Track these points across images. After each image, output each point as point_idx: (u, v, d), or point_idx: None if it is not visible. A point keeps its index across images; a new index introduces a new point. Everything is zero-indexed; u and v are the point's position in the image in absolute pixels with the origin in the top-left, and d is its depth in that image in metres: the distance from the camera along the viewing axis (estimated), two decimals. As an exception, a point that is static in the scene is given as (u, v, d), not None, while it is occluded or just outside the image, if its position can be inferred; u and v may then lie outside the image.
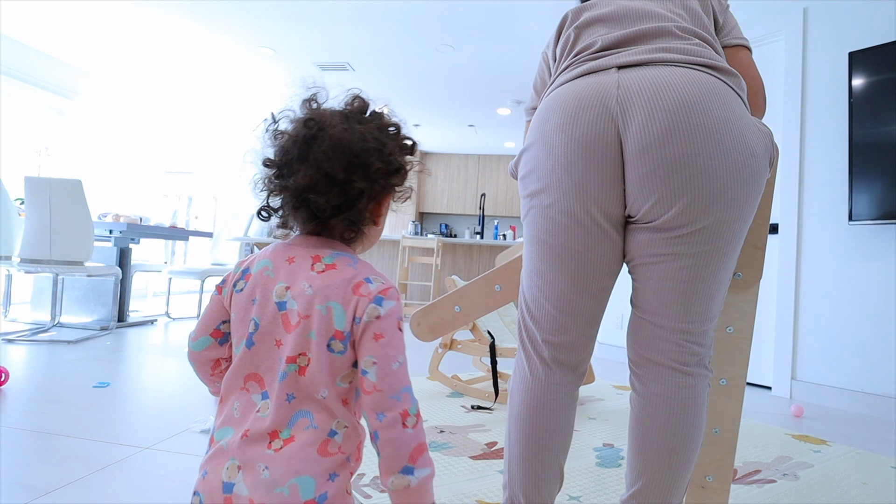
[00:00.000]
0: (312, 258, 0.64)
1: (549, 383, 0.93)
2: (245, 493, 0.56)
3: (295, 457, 0.57)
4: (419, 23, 3.91)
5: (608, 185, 0.85)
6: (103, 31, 4.33)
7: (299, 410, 0.60)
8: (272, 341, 0.63)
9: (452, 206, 8.25)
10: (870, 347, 2.50)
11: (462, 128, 6.78)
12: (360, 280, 0.63)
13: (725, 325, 1.08)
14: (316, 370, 0.61)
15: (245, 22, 4.02)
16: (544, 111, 0.92)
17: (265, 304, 0.64)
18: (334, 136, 0.62)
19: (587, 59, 0.93)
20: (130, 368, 2.51)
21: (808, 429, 2.17)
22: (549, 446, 0.92)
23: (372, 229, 0.70)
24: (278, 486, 0.56)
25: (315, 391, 0.61)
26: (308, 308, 0.62)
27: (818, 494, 1.47)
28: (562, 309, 0.92)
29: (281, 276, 0.64)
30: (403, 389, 0.60)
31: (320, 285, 0.62)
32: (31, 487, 1.26)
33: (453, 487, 1.37)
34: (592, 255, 0.89)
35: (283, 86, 5.46)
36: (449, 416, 2.03)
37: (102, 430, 1.67)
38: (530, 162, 0.93)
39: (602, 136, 0.84)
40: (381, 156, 0.65)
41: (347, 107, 0.69)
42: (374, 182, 0.65)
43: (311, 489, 0.56)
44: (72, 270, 3.17)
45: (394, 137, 0.69)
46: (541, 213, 0.91)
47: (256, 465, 0.57)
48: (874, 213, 2.43)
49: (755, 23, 3.07)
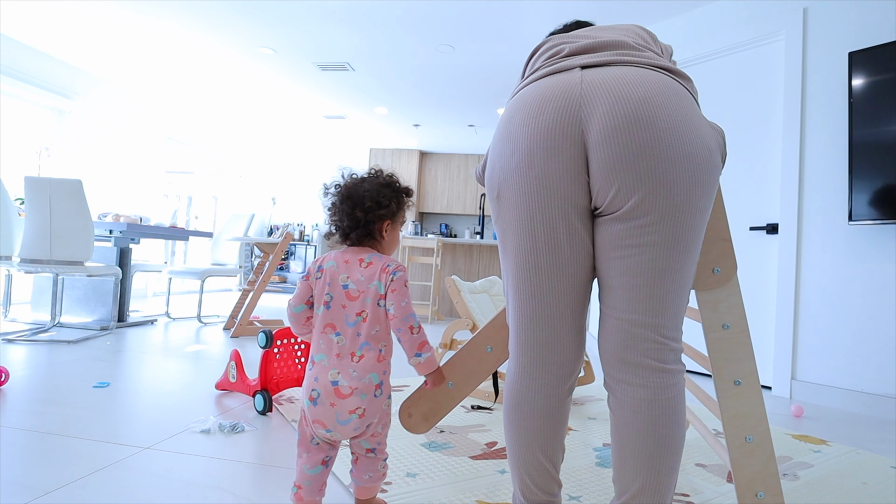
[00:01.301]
0: (359, 260, 1.14)
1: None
2: (346, 384, 1.06)
3: (366, 364, 1.08)
4: (419, 23, 3.91)
5: (572, 176, 0.89)
6: (103, 31, 4.32)
7: (364, 342, 1.09)
8: (340, 305, 1.11)
9: (452, 206, 8.25)
10: (870, 347, 2.50)
11: (462, 128, 6.78)
12: (384, 266, 1.13)
13: (721, 324, 1.06)
14: (372, 318, 1.10)
15: (245, 22, 4.02)
16: (509, 111, 0.97)
17: (334, 285, 1.12)
18: (350, 189, 1.16)
19: (553, 63, 0.98)
20: (130, 368, 2.51)
21: (808, 429, 2.17)
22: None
23: (383, 242, 1.18)
24: (362, 378, 1.07)
25: (371, 330, 1.10)
26: (363, 286, 1.11)
27: (818, 494, 1.47)
28: (542, 305, 0.97)
29: (342, 269, 1.13)
30: (409, 315, 1.10)
31: (368, 274, 1.12)
32: (31, 487, 1.26)
33: (453, 487, 1.38)
34: (563, 248, 0.92)
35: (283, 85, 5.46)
36: (449, 416, 2.03)
37: (102, 430, 1.67)
38: (495, 161, 0.97)
39: (564, 127, 0.88)
40: (373, 198, 1.14)
41: (368, 173, 1.19)
42: (368, 213, 1.13)
43: (377, 378, 1.09)
44: (72, 270, 3.17)
45: (387, 186, 1.17)
46: (509, 210, 0.94)
47: (348, 370, 1.07)
48: (874, 214, 2.43)
49: (755, 23, 3.07)
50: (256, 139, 8.02)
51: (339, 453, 1.35)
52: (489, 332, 1.12)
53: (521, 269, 0.95)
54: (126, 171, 5.81)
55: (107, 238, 3.86)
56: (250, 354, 2.99)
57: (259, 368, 1.99)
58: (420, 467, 1.50)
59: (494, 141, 0.98)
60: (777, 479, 1.02)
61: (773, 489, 1.01)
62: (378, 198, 1.14)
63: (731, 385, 1.05)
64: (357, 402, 1.05)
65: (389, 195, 1.16)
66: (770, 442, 1.02)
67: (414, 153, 8.19)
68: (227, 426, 1.73)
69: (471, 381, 1.10)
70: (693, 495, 1.41)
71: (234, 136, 7.72)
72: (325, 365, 1.08)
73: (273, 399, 2.09)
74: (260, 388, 1.96)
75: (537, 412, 0.96)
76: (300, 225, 8.54)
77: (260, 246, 4.09)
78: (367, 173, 1.19)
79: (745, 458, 1.01)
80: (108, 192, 5.56)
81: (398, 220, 1.19)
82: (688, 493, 1.42)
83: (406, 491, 1.34)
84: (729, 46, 3.19)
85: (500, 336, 1.10)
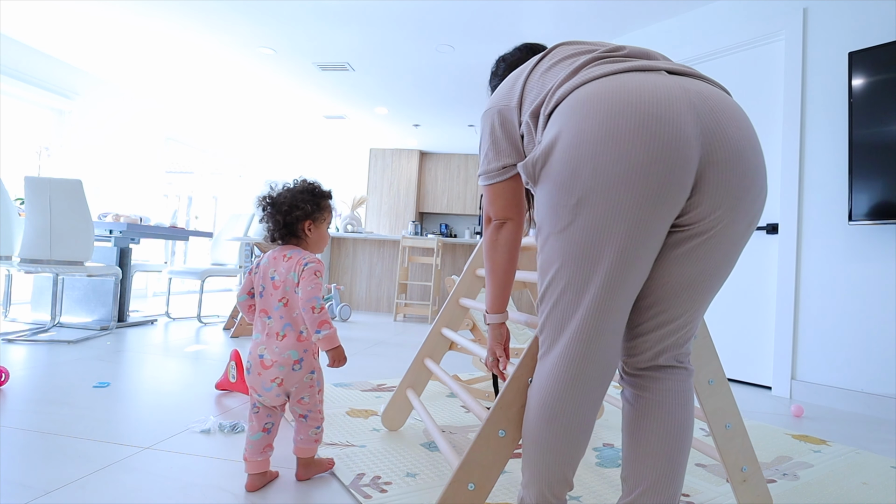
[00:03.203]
0: (283, 255, 1.35)
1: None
2: (269, 357, 1.28)
3: (287, 342, 1.30)
4: (419, 23, 3.91)
5: (684, 191, 0.81)
6: (103, 31, 4.32)
7: (286, 323, 1.31)
8: (269, 294, 1.33)
9: (452, 206, 8.25)
10: (870, 347, 2.50)
11: (462, 128, 6.78)
12: (300, 259, 1.33)
13: None
14: (291, 303, 1.31)
15: (245, 22, 4.02)
16: (604, 105, 0.81)
17: (265, 278, 1.35)
18: (273, 198, 1.37)
19: (617, 60, 0.90)
20: (130, 368, 2.51)
21: (808, 429, 2.17)
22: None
23: (308, 239, 1.39)
24: (282, 354, 1.28)
25: (291, 313, 1.32)
26: (284, 277, 1.32)
27: (818, 494, 1.47)
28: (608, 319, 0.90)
29: (271, 265, 1.35)
30: (312, 297, 1.28)
31: (288, 266, 1.33)
32: (31, 487, 1.26)
33: (453, 487, 1.37)
34: (646, 262, 0.85)
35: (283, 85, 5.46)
36: (449, 416, 2.03)
37: (102, 430, 1.67)
38: (581, 162, 0.81)
39: (690, 139, 0.80)
40: (290, 202, 1.35)
41: (293, 182, 1.41)
42: (286, 215, 1.35)
43: (296, 355, 1.30)
44: (72, 270, 3.17)
45: (303, 192, 1.38)
46: (598, 219, 0.82)
47: (272, 346, 1.29)
48: (874, 213, 2.43)
49: (755, 23, 3.07)
50: (256, 139, 8.02)
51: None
52: (502, 414, 1.02)
53: (609, 283, 0.84)
54: (126, 171, 5.81)
55: (107, 238, 3.86)
56: (250, 354, 2.99)
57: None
58: (420, 467, 1.50)
59: (573, 137, 0.82)
60: (753, 452, 1.23)
61: (752, 461, 1.23)
62: (294, 201, 1.35)
63: (706, 385, 1.20)
64: (276, 373, 1.28)
65: (306, 198, 1.37)
66: (742, 424, 1.22)
67: (414, 153, 8.19)
68: (227, 426, 1.73)
69: (492, 475, 1.02)
70: (693, 495, 1.41)
71: (234, 136, 7.72)
72: (258, 341, 1.32)
73: (273, 399, 2.09)
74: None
75: (574, 428, 0.91)
76: (300, 225, 8.54)
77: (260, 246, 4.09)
78: (290, 183, 1.41)
79: (728, 442, 1.21)
80: (108, 192, 5.56)
81: (320, 220, 1.39)
82: (688, 493, 1.42)
83: (406, 491, 1.34)
84: (729, 46, 3.19)
85: (509, 416, 1.01)
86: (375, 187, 8.28)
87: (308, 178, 1.41)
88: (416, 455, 1.60)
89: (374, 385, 2.47)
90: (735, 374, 3.05)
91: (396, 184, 8.23)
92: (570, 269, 0.86)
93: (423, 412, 1.54)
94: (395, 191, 8.22)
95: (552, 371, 0.91)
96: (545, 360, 0.93)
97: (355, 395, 2.28)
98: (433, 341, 1.79)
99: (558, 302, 0.89)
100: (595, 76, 0.86)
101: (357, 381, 2.53)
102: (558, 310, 0.89)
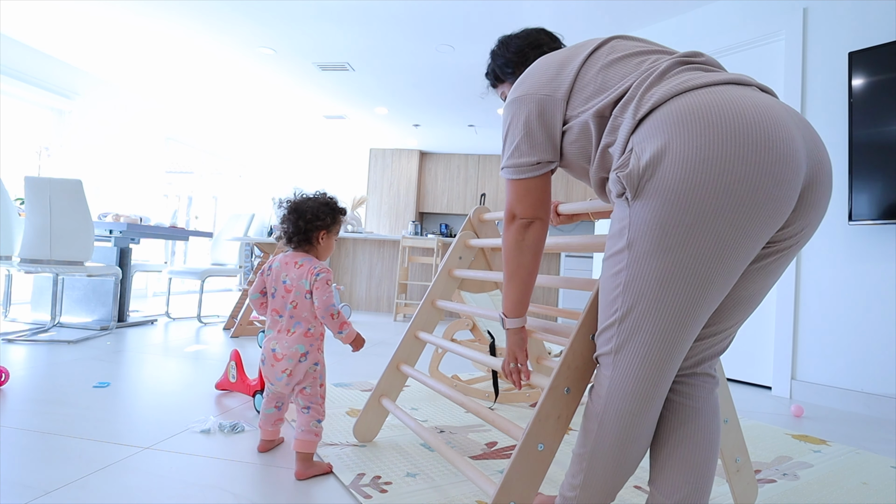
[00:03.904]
0: (294, 262, 1.50)
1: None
2: (280, 351, 1.44)
3: (295, 338, 1.45)
4: (419, 23, 3.91)
5: (790, 212, 0.81)
6: (103, 32, 4.32)
7: (296, 322, 1.47)
8: (280, 296, 1.49)
9: (452, 206, 8.25)
10: (870, 347, 2.50)
11: (462, 128, 6.78)
12: (311, 268, 1.47)
13: None
14: (300, 306, 1.47)
15: (245, 22, 4.02)
16: (725, 122, 0.77)
17: (277, 281, 1.50)
18: (297, 204, 1.52)
19: (707, 67, 0.89)
20: (130, 368, 2.51)
21: (808, 429, 2.17)
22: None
23: (318, 247, 1.54)
24: (290, 348, 1.44)
25: (301, 314, 1.47)
26: (295, 282, 1.47)
27: (818, 494, 1.47)
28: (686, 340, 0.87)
29: (282, 269, 1.50)
30: (330, 305, 1.44)
31: (299, 273, 1.48)
32: (31, 487, 1.26)
33: (454, 487, 1.38)
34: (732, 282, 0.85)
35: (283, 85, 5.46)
36: (449, 416, 2.03)
37: (102, 430, 1.67)
38: (709, 183, 0.76)
39: (802, 164, 0.79)
40: (314, 212, 1.50)
41: (314, 193, 1.57)
42: (308, 223, 1.50)
43: (303, 349, 1.45)
44: (72, 270, 3.17)
45: (325, 205, 1.53)
46: (716, 243, 0.78)
47: (283, 341, 1.45)
48: (874, 213, 2.43)
49: (755, 23, 3.07)
50: (256, 139, 8.01)
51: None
52: (536, 430, 0.98)
53: (708, 301, 0.82)
54: (126, 171, 5.81)
55: (107, 238, 3.86)
56: (250, 354, 2.99)
57: (259, 368, 1.99)
58: (420, 467, 1.50)
59: (692, 152, 0.77)
60: (744, 443, 1.31)
61: (743, 452, 1.32)
62: (317, 213, 1.51)
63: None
64: (286, 365, 1.43)
65: (327, 212, 1.53)
66: (737, 418, 1.30)
67: (414, 153, 8.19)
68: (227, 426, 1.73)
69: (532, 491, 1.00)
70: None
71: (234, 136, 7.72)
72: (271, 337, 1.49)
73: (273, 399, 2.09)
74: (260, 388, 1.96)
75: (644, 448, 0.90)
76: (300, 225, 8.53)
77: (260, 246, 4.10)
78: (313, 194, 1.57)
79: (726, 436, 1.29)
80: (108, 192, 5.56)
81: (332, 232, 1.56)
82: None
83: (406, 491, 1.34)
84: (729, 46, 3.19)
85: (546, 428, 0.98)
86: (375, 187, 8.28)
87: (328, 193, 1.59)
88: (416, 455, 1.60)
89: (373, 385, 2.47)
90: (735, 374, 3.04)
91: (396, 184, 8.23)
92: (673, 288, 0.81)
93: (406, 418, 1.53)
94: (395, 191, 8.22)
95: (635, 390, 0.85)
96: (622, 376, 0.86)
97: (355, 395, 2.28)
98: (408, 346, 1.72)
99: (646, 318, 0.83)
100: (696, 85, 0.81)
101: (357, 381, 2.53)
102: (647, 329, 0.83)
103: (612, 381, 0.87)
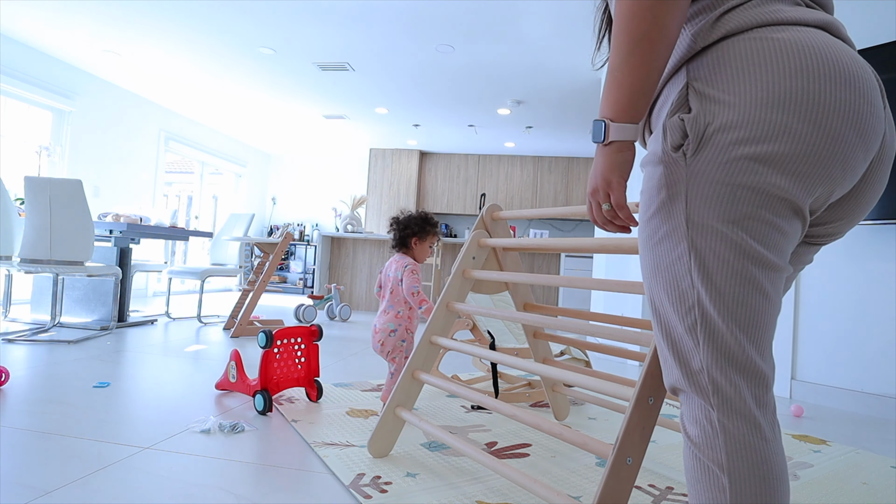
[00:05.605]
0: (396, 261, 2.01)
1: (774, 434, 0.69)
2: (378, 326, 1.97)
3: (388, 317, 1.96)
4: (419, 23, 3.91)
5: (854, 179, 0.68)
6: (103, 32, 4.32)
7: (390, 305, 1.97)
8: (385, 285, 2.01)
9: (452, 206, 8.25)
10: (870, 347, 2.50)
11: (462, 128, 6.78)
12: (403, 264, 1.98)
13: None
14: (395, 292, 1.96)
15: (245, 22, 4.02)
16: (824, 66, 0.63)
17: (385, 275, 2.03)
18: (401, 220, 2.06)
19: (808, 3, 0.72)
20: (130, 368, 2.51)
21: (808, 429, 2.17)
22: None
23: (413, 250, 2.03)
24: (385, 324, 1.96)
25: (395, 299, 1.97)
26: (394, 274, 1.98)
27: (818, 494, 1.47)
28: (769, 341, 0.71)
29: (390, 267, 2.01)
30: (411, 287, 1.92)
31: (396, 268, 1.99)
32: (31, 487, 1.26)
33: (454, 487, 1.38)
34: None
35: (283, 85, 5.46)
36: (449, 416, 2.03)
37: (102, 430, 1.67)
38: (799, 146, 0.62)
39: (881, 125, 0.68)
40: (407, 224, 2.03)
41: (416, 211, 2.08)
42: (401, 231, 2.04)
43: (392, 325, 1.95)
44: (72, 270, 3.17)
45: (417, 218, 2.04)
46: (782, 221, 0.65)
47: (382, 319, 1.97)
48: (874, 213, 2.43)
49: (755, 23, 3.06)
50: (256, 140, 8.01)
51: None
52: (625, 444, 0.95)
53: (776, 286, 0.68)
54: (126, 172, 5.81)
55: (107, 238, 3.86)
56: (250, 354, 2.99)
57: (259, 368, 1.99)
58: (420, 467, 1.50)
59: (792, 113, 0.62)
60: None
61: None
62: (408, 223, 2.02)
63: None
64: (380, 337, 1.93)
65: (417, 222, 2.03)
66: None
67: (414, 153, 8.19)
68: (227, 426, 1.73)
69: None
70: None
71: (234, 136, 7.72)
72: (378, 315, 1.98)
73: (273, 399, 2.09)
74: (260, 388, 1.96)
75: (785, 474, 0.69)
76: (300, 225, 8.54)
77: (260, 246, 4.10)
78: (415, 212, 2.07)
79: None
80: (108, 192, 5.56)
81: (423, 239, 2.02)
82: (688, 493, 1.42)
83: (406, 491, 1.34)
84: (729, 46, 3.18)
85: (633, 440, 0.96)
86: (375, 187, 8.28)
87: (425, 211, 2.09)
88: (416, 455, 1.60)
89: (374, 385, 2.47)
90: (735, 374, 3.04)
91: (396, 184, 8.23)
92: (772, 276, 0.66)
93: (421, 423, 1.49)
94: (395, 191, 8.22)
95: (771, 417, 0.68)
96: (751, 404, 0.67)
97: (355, 394, 2.28)
98: (423, 352, 1.62)
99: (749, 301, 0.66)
100: (788, 20, 0.66)
101: (357, 381, 2.53)
102: (760, 324, 0.67)
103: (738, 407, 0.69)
